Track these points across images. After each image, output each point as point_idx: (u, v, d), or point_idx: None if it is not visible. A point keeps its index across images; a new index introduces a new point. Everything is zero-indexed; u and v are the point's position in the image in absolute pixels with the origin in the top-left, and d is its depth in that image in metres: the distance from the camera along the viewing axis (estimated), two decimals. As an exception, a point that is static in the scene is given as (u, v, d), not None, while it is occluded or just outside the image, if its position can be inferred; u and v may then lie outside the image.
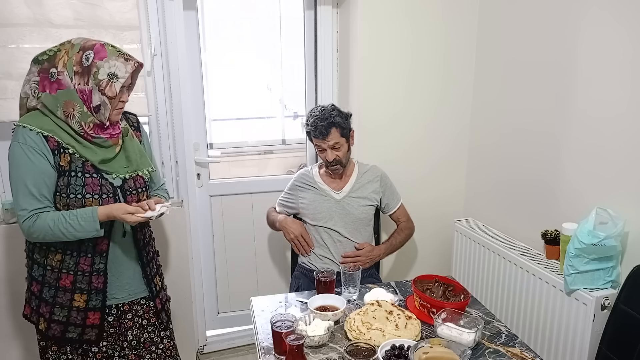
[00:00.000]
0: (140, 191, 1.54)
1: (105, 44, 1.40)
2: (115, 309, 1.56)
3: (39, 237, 1.41)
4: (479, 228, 2.31)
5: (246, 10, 2.55)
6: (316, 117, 1.95)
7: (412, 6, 2.27)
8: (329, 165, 2.00)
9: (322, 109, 1.97)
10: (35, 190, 1.38)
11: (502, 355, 1.39)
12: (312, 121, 1.95)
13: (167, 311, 1.71)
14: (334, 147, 1.96)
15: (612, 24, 1.65)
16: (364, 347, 1.29)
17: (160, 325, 1.67)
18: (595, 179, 1.76)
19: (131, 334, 1.60)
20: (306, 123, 2.00)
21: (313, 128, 1.95)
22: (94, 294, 1.49)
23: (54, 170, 1.40)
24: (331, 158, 1.96)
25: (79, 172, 1.42)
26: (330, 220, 2.02)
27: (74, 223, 1.38)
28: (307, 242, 2.02)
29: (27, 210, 1.38)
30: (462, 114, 2.49)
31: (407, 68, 2.34)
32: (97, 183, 1.44)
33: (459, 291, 1.63)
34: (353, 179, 2.07)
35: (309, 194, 2.06)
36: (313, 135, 1.96)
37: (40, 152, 1.37)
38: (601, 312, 1.63)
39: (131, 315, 1.59)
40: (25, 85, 1.45)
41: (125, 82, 1.41)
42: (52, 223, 1.37)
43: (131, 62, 1.41)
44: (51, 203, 1.42)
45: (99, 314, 1.50)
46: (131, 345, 1.61)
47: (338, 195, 2.04)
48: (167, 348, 1.70)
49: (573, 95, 1.82)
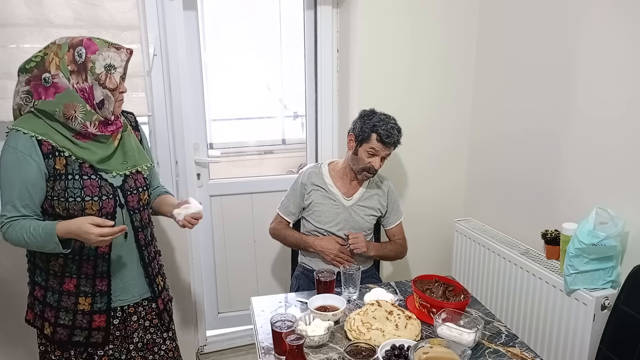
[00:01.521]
0: (141, 190, 1.52)
1: (91, 37, 1.37)
2: (120, 311, 1.54)
3: (13, 243, 1.39)
4: (479, 228, 2.31)
5: (246, 10, 2.55)
6: (392, 125, 1.90)
7: (412, 6, 2.27)
8: (365, 170, 1.94)
9: (395, 121, 1.93)
10: (16, 199, 1.36)
11: (502, 355, 1.39)
12: (389, 127, 1.88)
13: (170, 312, 1.70)
14: (384, 158, 1.94)
15: (613, 23, 1.65)
16: (364, 347, 1.29)
17: (163, 326, 1.66)
18: (595, 179, 1.76)
19: (137, 336, 1.59)
20: (374, 124, 1.88)
21: (387, 133, 1.87)
22: (99, 297, 1.47)
23: (41, 177, 1.37)
24: (377, 166, 1.93)
25: (77, 175, 1.39)
26: (336, 226, 2.00)
27: (36, 234, 1.35)
28: (346, 253, 1.98)
29: (5, 217, 1.37)
30: (462, 113, 2.49)
31: (407, 68, 2.34)
32: (96, 184, 1.41)
33: (459, 291, 1.63)
34: (363, 188, 2.05)
35: (317, 195, 2.01)
36: (382, 138, 1.87)
37: (30, 156, 1.35)
38: (601, 312, 1.63)
39: (136, 317, 1.58)
40: (15, 97, 1.42)
41: (121, 73, 1.39)
42: (19, 234, 1.36)
43: (123, 50, 1.38)
44: (32, 212, 1.39)
45: (104, 316, 1.49)
46: (137, 347, 1.60)
47: (347, 203, 2.01)
48: (169, 349, 1.69)
49: (573, 95, 1.82)
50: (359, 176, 1.98)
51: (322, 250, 1.97)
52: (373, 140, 1.89)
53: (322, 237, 2.01)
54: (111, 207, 1.43)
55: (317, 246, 1.98)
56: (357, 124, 1.94)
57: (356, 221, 2.01)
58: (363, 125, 1.91)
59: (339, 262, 1.95)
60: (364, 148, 1.91)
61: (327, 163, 2.09)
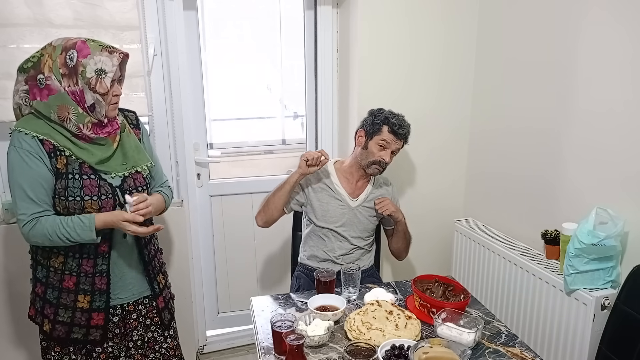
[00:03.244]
0: (140, 190, 1.52)
1: (86, 40, 1.36)
2: (120, 309, 1.55)
3: (38, 241, 1.40)
4: (479, 228, 2.31)
5: (246, 10, 2.55)
6: (402, 119, 1.93)
7: (412, 6, 2.27)
8: (375, 164, 1.93)
9: (404, 117, 1.95)
10: (32, 194, 1.37)
11: (502, 355, 1.39)
12: (399, 119, 1.91)
13: (171, 309, 1.70)
14: (394, 152, 1.95)
15: (613, 24, 1.65)
16: (364, 347, 1.29)
17: (163, 324, 1.66)
18: (595, 178, 1.76)
19: (136, 334, 1.60)
20: (385, 116, 1.91)
21: (399, 122, 1.90)
22: (98, 295, 1.48)
23: (51, 174, 1.39)
24: (388, 159, 1.93)
25: (77, 174, 1.41)
26: (341, 227, 1.99)
27: (70, 231, 1.37)
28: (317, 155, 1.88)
29: (27, 215, 1.38)
30: (462, 113, 2.49)
31: (407, 68, 2.34)
32: (95, 184, 1.43)
33: (459, 291, 1.63)
34: (368, 189, 2.04)
35: (322, 194, 2.00)
36: (394, 128, 1.89)
37: (37, 155, 1.36)
38: (601, 312, 1.63)
39: (136, 315, 1.59)
40: (15, 96, 1.43)
41: (115, 76, 1.39)
42: (51, 229, 1.37)
43: (116, 54, 1.37)
44: (50, 206, 1.41)
45: (103, 314, 1.49)
46: (137, 345, 1.60)
47: (353, 203, 2.00)
48: (170, 347, 1.70)
49: (573, 94, 1.82)
50: (368, 170, 1.97)
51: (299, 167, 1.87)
52: (384, 131, 1.91)
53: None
54: (110, 206, 1.45)
55: (294, 174, 1.89)
56: (368, 120, 1.96)
57: (360, 221, 2.01)
58: (374, 119, 1.93)
59: (313, 158, 1.84)
60: (374, 141, 1.93)
61: (332, 162, 2.07)
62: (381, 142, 1.91)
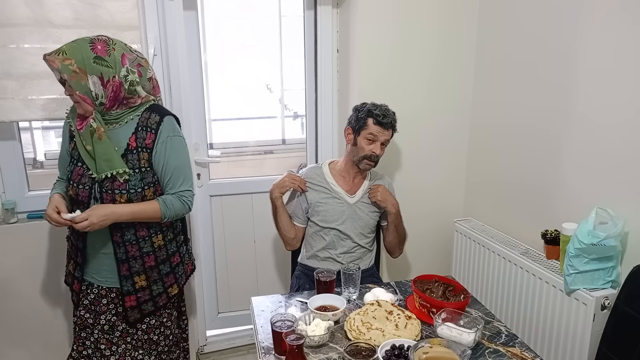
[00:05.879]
0: (117, 192, 1.53)
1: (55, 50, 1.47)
2: (96, 288, 1.64)
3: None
4: (479, 228, 2.31)
5: (246, 10, 2.56)
6: (386, 107, 1.94)
7: (412, 6, 2.27)
8: (366, 158, 1.93)
9: (387, 105, 1.95)
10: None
11: (502, 355, 1.39)
12: (382, 110, 1.91)
13: (144, 311, 1.66)
14: (383, 144, 1.95)
15: (613, 24, 1.65)
16: (364, 347, 1.29)
17: (128, 322, 1.64)
18: (595, 178, 1.76)
19: (104, 319, 1.63)
20: (368, 109, 1.91)
21: (382, 113, 1.89)
22: (77, 266, 1.65)
23: None
24: (378, 152, 1.93)
25: (75, 160, 1.58)
26: (343, 224, 2.00)
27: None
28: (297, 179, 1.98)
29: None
30: (462, 114, 2.49)
31: (407, 68, 2.34)
32: (81, 173, 1.55)
33: (459, 291, 1.63)
34: (365, 185, 2.04)
35: (320, 195, 2.00)
36: (379, 119, 1.89)
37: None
38: (601, 312, 1.63)
39: (106, 301, 1.63)
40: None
41: (57, 77, 1.50)
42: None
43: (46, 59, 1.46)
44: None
45: (78, 285, 1.65)
46: (103, 329, 1.63)
47: (351, 200, 2.01)
48: (139, 339, 1.68)
49: (573, 94, 1.82)
50: (360, 166, 1.97)
51: (277, 184, 1.95)
52: (370, 124, 1.91)
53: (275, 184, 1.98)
54: (85, 196, 1.55)
55: (272, 190, 1.96)
56: (352, 117, 1.98)
57: (361, 218, 2.01)
58: (358, 114, 1.94)
59: (294, 181, 1.96)
60: (362, 136, 1.93)
61: (327, 163, 2.09)
62: (369, 135, 1.92)
